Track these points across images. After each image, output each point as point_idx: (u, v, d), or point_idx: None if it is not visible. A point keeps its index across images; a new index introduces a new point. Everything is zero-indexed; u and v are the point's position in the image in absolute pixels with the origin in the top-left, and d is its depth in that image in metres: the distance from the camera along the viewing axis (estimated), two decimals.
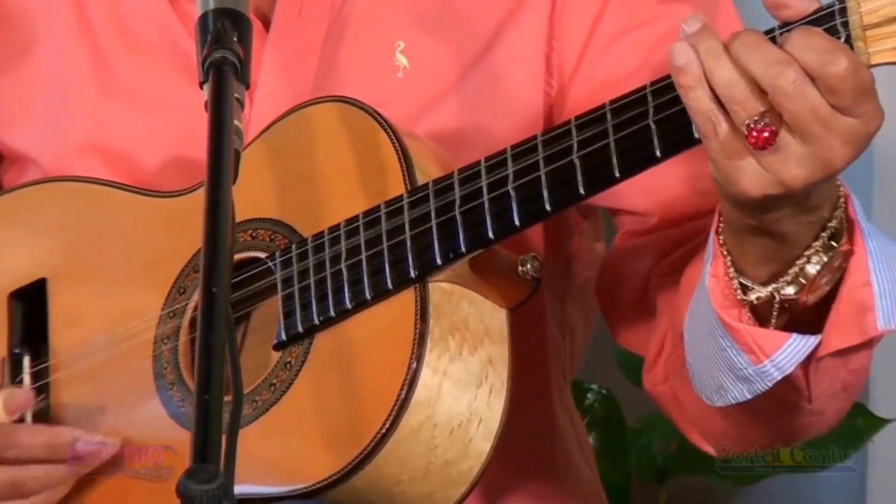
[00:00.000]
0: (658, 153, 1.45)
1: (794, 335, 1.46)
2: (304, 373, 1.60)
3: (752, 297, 1.46)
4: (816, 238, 1.44)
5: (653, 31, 1.71)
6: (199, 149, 1.69)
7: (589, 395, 2.65)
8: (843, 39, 1.36)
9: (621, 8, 1.72)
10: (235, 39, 1.41)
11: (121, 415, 1.70)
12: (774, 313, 1.47)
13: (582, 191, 1.49)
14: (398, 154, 1.60)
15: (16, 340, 1.78)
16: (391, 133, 1.61)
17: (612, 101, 1.48)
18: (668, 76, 1.42)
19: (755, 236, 1.44)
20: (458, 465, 1.57)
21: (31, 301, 1.78)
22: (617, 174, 1.47)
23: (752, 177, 1.37)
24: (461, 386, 1.55)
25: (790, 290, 1.46)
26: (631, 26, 1.72)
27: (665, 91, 1.44)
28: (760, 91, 1.34)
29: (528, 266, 1.58)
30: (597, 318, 1.87)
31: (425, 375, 1.53)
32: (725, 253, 1.46)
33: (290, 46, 1.62)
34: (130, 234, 1.75)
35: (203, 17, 1.43)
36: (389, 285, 1.56)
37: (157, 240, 1.73)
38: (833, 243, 1.45)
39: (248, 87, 1.40)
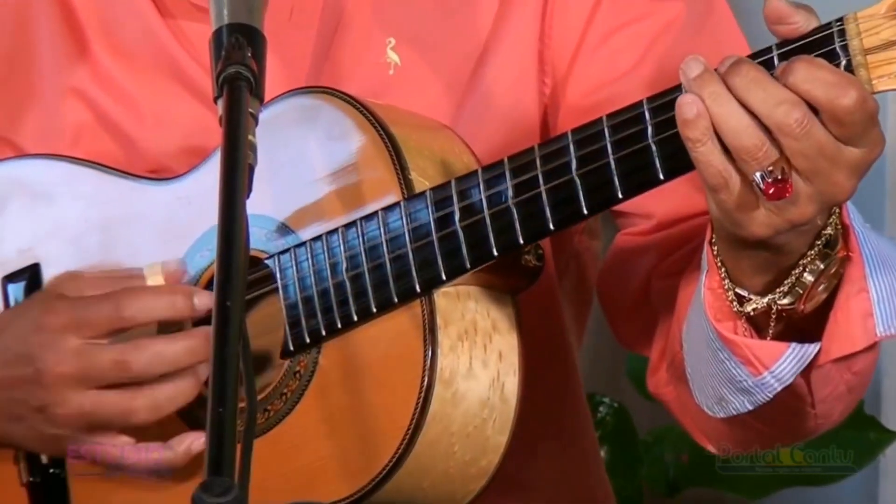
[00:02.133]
0: (661, 176, 1.45)
1: (793, 345, 1.46)
2: (314, 384, 1.60)
3: (749, 308, 1.46)
4: (811, 246, 1.43)
5: (647, 26, 1.71)
6: (198, 141, 1.72)
7: (601, 409, 2.64)
8: (843, 65, 1.35)
9: (615, 4, 1.71)
10: (249, 54, 1.40)
11: None
12: (772, 323, 1.46)
13: (585, 211, 1.49)
14: (388, 149, 1.59)
15: None
16: (379, 125, 1.60)
17: (610, 116, 1.47)
18: (665, 93, 1.43)
19: (750, 249, 1.43)
20: (476, 463, 1.58)
21: (26, 286, 1.76)
22: (620, 195, 1.47)
23: (763, 222, 1.38)
24: (474, 390, 1.56)
25: (787, 300, 1.45)
26: (624, 22, 1.71)
27: (664, 109, 1.43)
28: (768, 132, 1.34)
29: (531, 255, 1.59)
30: (609, 333, 1.86)
31: (438, 390, 1.54)
32: (720, 264, 1.46)
33: (282, 48, 1.61)
34: (128, 220, 1.75)
35: (217, 32, 1.43)
36: (395, 299, 1.56)
37: (156, 228, 1.72)
38: (828, 251, 1.44)
39: (262, 101, 1.40)
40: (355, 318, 1.58)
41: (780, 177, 1.34)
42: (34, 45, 1.79)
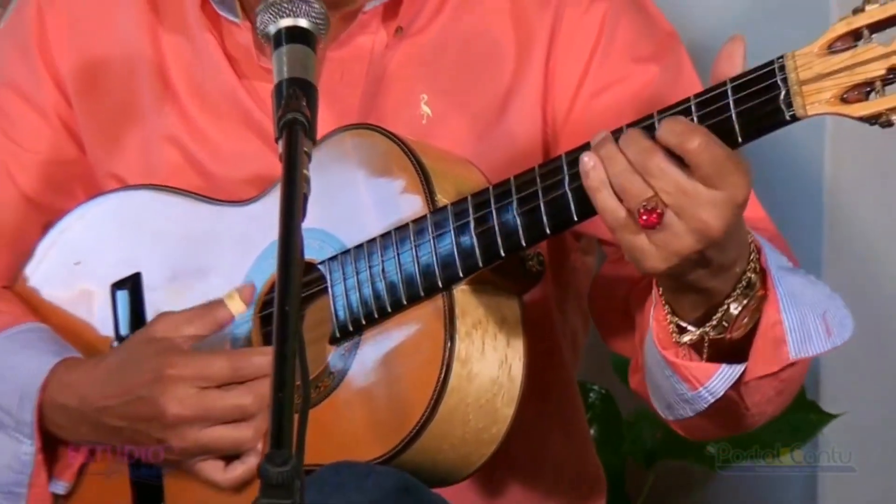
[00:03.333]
0: None
1: (723, 366, 1.48)
2: (356, 364, 1.61)
3: (686, 338, 1.47)
4: (735, 288, 1.45)
5: (628, 86, 1.70)
6: (264, 174, 1.71)
7: (591, 395, 2.63)
8: (783, 94, 1.36)
9: (601, 69, 1.70)
10: (304, 103, 1.40)
11: None
12: (705, 347, 1.48)
13: (575, 218, 1.49)
14: (418, 173, 1.59)
15: (121, 326, 1.77)
16: (411, 154, 1.60)
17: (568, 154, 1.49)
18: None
19: (685, 293, 1.45)
20: (488, 430, 1.58)
21: (131, 291, 1.76)
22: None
23: (655, 256, 1.39)
24: (486, 369, 1.56)
25: (716, 332, 1.47)
26: (609, 83, 1.70)
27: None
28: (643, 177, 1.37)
29: (534, 261, 1.60)
30: (596, 332, 1.86)
31: (456, 368, 1.54)
32: (664, 302, 1.47)
33: (334, 102, 1.59)
34: (208, 237, 1.74)
35: (278, 85, 1.43)
36: (421, 293, 1.56)
37: (231, 241, 1.72)
38: (749, 291, 1.45)
39: (314, 142, 1.39)
40: (389, 310, 1.58)
41: (650, 208, 1.36)
42: (137, 96, 1.79)
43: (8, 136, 1.81)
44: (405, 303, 1.57)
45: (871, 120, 1.34)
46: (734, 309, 1.46)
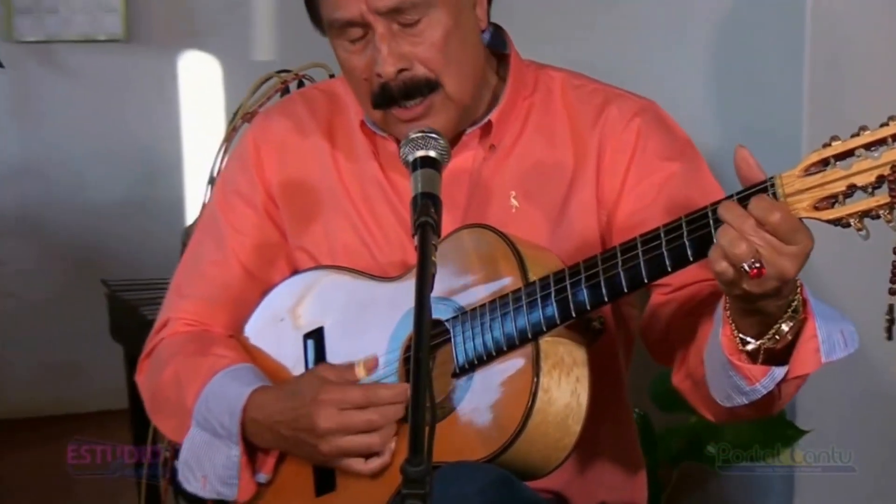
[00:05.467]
0: (669, 269, 1.44)
1: (773, 368, 1.44)
2: (469, 392, 1.58)
3: (749, 348, 1.43)
4: (785, 312, 1.41)
5: (659, 178, 1.67)
6: (407, 259, 1.71)
7: (634, 415, 2.64)
8: None
9: (638, 168, 1.67)
10: (432, 210, 1.41)
11: None
12: (761, 355, 1.44)
13: (626, 290, 1.48)
14: (516, 258, 1.58)
15: (309, 364, 1.75)
16: (511, 245, 1.59)
17: (641, 236, 1.46)
18: (676, 220, 1.43)
19: (749, 315, 1.41)
20: (562, 441, 1.55)
21: (316, 340, 1.75)
22: (646, 281, 1.47)
23: (746, 289, 1.36)
24: (562, 397, 1.54)
25: (770, 343, 1.43)
26: (644, 177, 1.67)
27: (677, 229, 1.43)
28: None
29: (597, 322, 1.57)
30: (636, 368, 1.82)
31: (540, 395, 1.52)
32: (731, 321, 1.43)
33: (447, 199, 1.54)
34: (369, 303, 1.72)
35: (415, 197, 1.44)
36: (517, 343, 1.54)
37: (383, 306, 1.70)
38: (795, 315, 1.42)
39: (439, 236, 1.40)
40: (494, 354, 1.56)
41: (757, 265, 1.33)
42: (322, 198, 1.79)
43: (234, 227, 1.82)
44: (505, 350, 1.56)
45: (835, 222, 1.33)
46: (785, 327, 1.43)
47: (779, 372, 1.44)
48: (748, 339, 1.43)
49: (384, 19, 1.61)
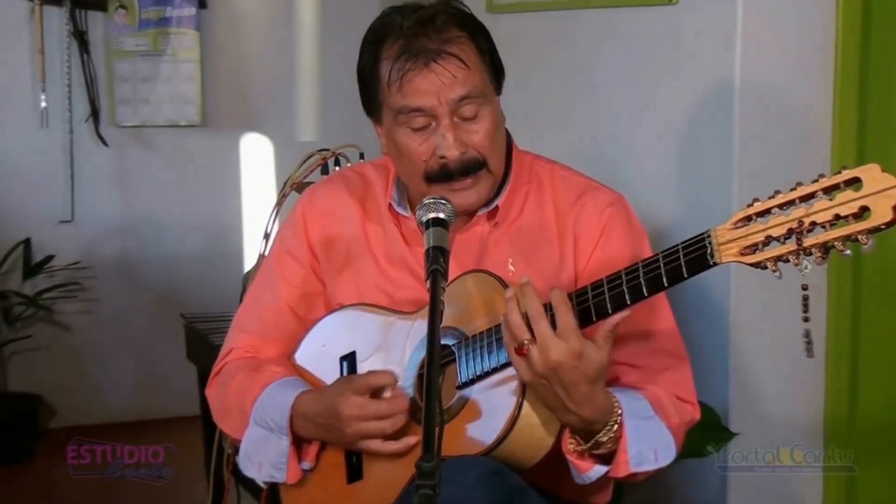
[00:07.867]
0: (628, 301, 1.43)
1: (596, 466, 1.51)
2: (469, 402, 1.57)
3: (578, 448, 1.51)
4: (603, 429, 1.49)
5: (612, 253, 1.67)
6: (420, 298, 1.69)
7: None
8: (710, 251, 1.34)
9: (603, 245, 1.69)
10: (441, 260, 1.43)
11: None
12: (586, 455, 1.51)
13: (594, 319, 1.47)
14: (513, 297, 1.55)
15: None
16: (504, 285, 1.57)
17: (606, 276, 1.46)
18: (630, 269, 1.42)
19: (564, 415, 1.48)
20: (544, 440, 1.53)
21: (349, 361, 1.74)
22: (610, 311, 1.46)
23: (523, 370, 1.45)
24: (542, 408, 1.52)
25: (590, 449, 1.50)
26: (605, 251, 1.68)
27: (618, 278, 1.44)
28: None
29: None
30: None
31: (526, 404, 1.51)
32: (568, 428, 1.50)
33: (459, 262, 1.56)
34: (391, 332, 1.71)
35: (427, 249, 1.46)
36: (508, 362, 1.52)
37: (402, 335, 1.68)
38: (610, 433, 1.49)
39: (447, 280, 1.43)
40: (489, 371, 1.55)
41: (523, 343, 1.42)
42: (354, 257, 1.79)
43: (285, 279, 1.83)
44: (499, 368, 1.55)
45: (755, 265, 1.33)
46: (604, 438, 1.50)
47: (602, 469, 1.50)
48: (579, 441, 1.51)
49: (449, 113, 1.62)
